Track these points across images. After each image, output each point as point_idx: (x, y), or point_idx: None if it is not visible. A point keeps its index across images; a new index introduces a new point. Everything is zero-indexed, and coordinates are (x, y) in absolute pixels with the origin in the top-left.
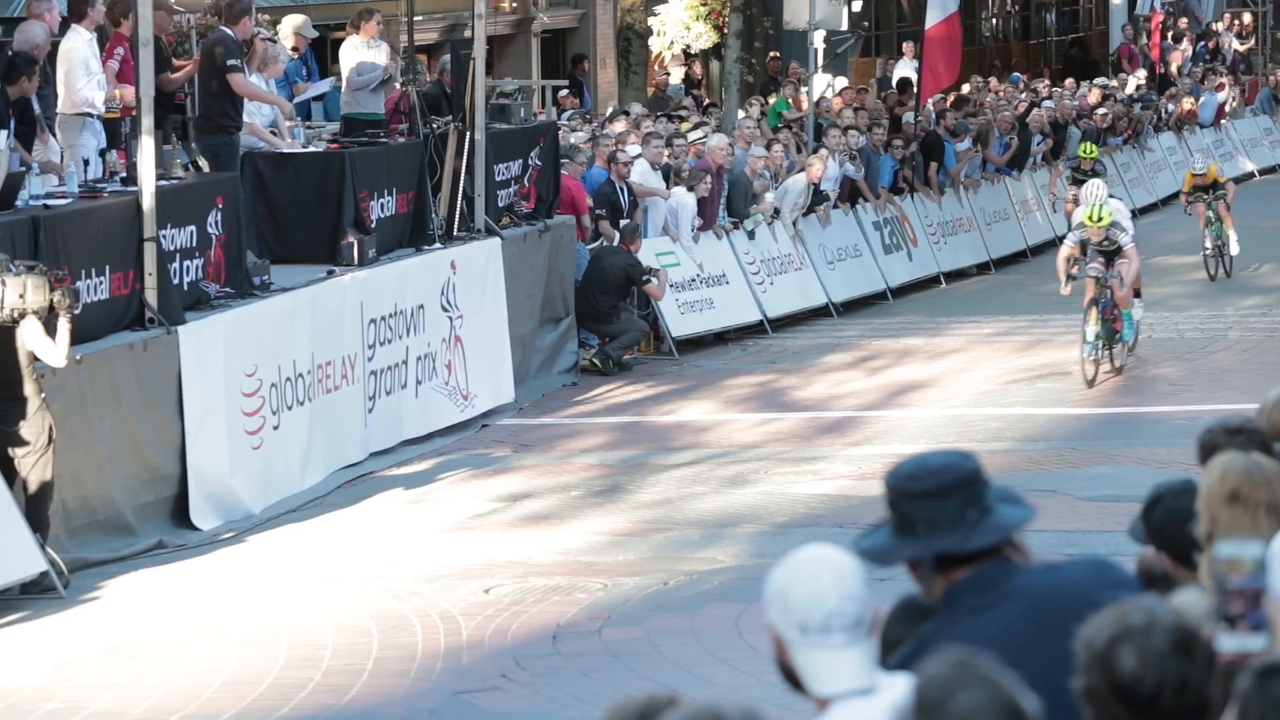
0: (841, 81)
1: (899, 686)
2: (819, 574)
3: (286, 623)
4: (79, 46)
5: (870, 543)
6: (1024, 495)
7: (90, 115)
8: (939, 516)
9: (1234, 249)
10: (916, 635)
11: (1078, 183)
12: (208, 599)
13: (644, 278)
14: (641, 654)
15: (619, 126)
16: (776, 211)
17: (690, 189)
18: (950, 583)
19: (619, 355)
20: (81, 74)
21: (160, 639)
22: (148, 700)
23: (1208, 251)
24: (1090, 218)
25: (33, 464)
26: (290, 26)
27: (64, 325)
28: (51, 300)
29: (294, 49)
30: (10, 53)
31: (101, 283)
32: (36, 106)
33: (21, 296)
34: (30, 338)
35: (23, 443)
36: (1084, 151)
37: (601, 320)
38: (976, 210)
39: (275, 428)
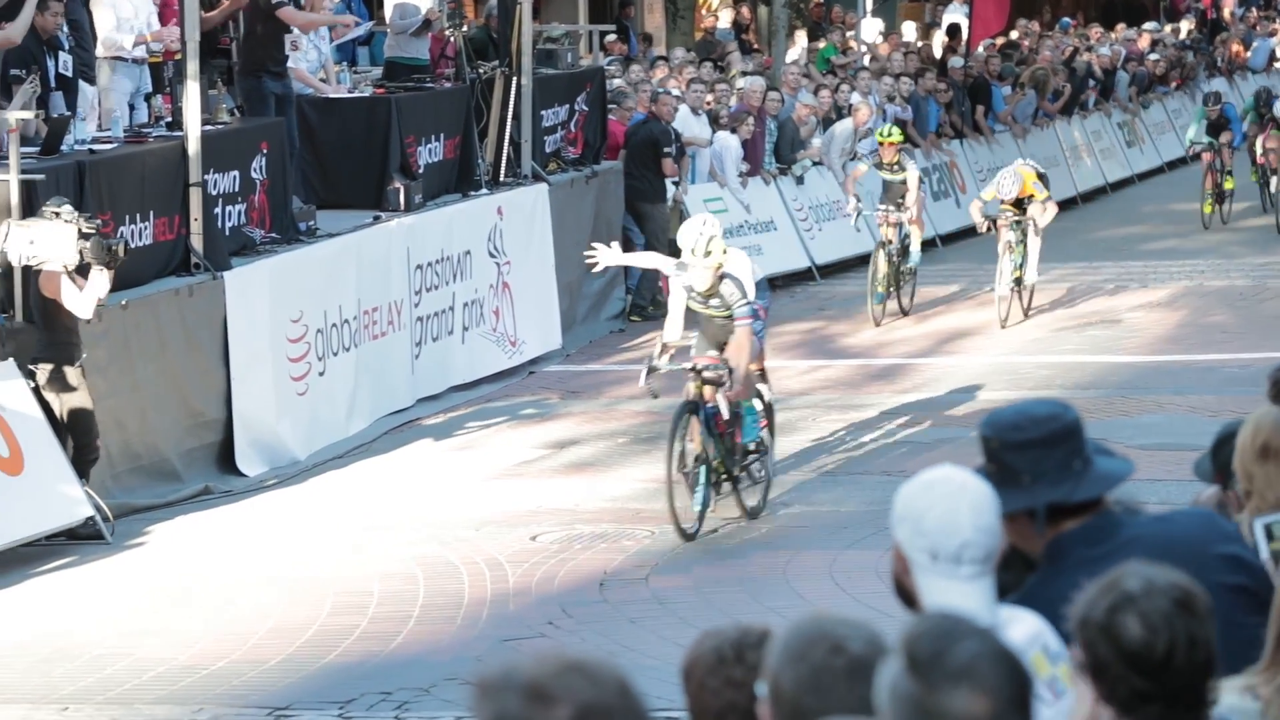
0: (910, 27)
1: (1023, 624)
2: (957, 501)
3: (332, 569)
4: None
5: None
6: (1115, 447)
7: (122, 59)
8: (1044, 467)
9: (1031, 274)
10: (1022, 587)
11: (888, 189)
12: (253, 545)
13: (665, 150)
14: (689, 602)
15: (660, 73)
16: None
17: (733, 131)
18: (1057, 534)
19: (651, 296)
20: (109, 16)
21: (206, 585)
22: (194, 646)
23: (1002, 283)
24: (694, 253)
25: (71, 405)
26: None
27: (94, 276)
28: (81, 251)
29: None
30: None
31: (146, 228)
32: (67, 49)
33: (31, 243)
34: (49, 286)
35: (60, 386)
36: (884, 135)
37: (645, 199)
38: (1026, 156)
39: (321, 374)
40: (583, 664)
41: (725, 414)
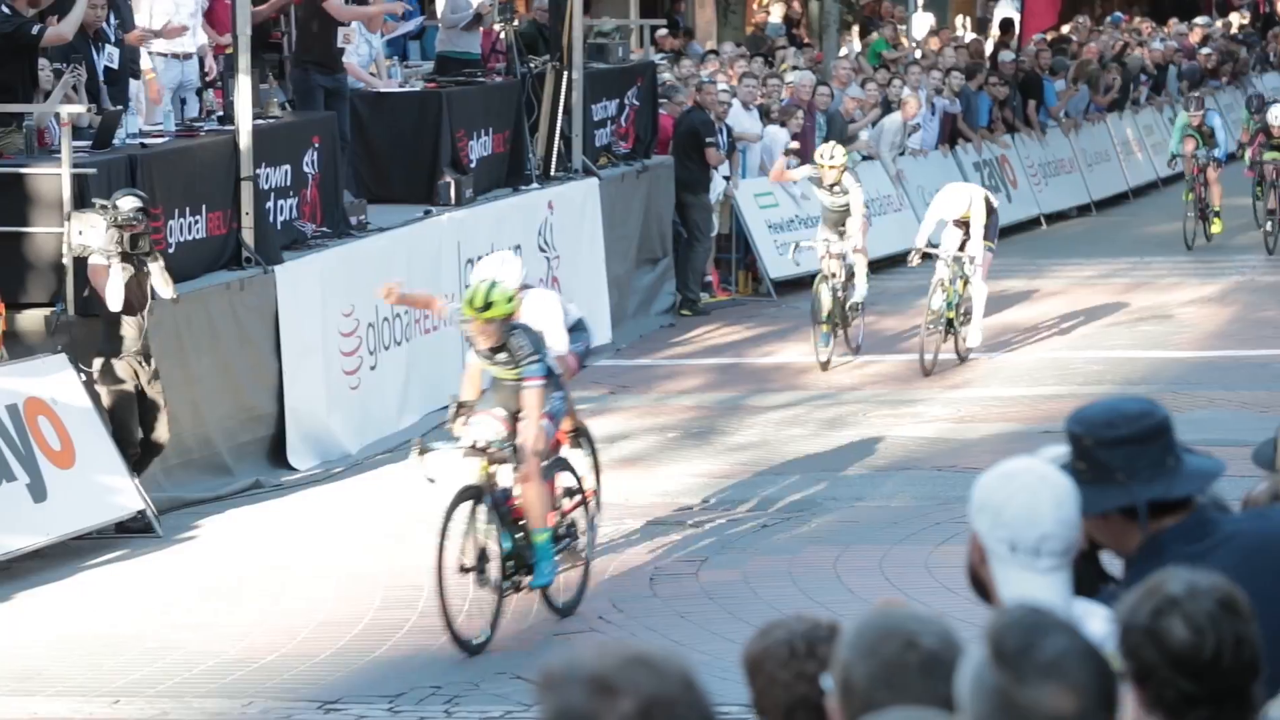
0: (964, 20)
1: (1096, 620)
2: (1038, 493)
3: (382, 563)
4: None
5: None
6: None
7: (171, 55)
8: (1138, 464)
9: (973, 337)
10: (1114, 584)
11: (827, 214)
12: (303, 539)
13: (708, 139)
14: (738, 596)
15: (711, 67)
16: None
17: (782, 125)
18: (1154, 532)
19: (699, 285)
20: (144, 12)
21: (256, 578)
22: (244, 640)
23: (928, 329)
24: (472, 304)
25: (111, 397)
26: None
27: (114, 267)
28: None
29: None
30: None
31: (198, 222)
32: (113, 42)
33: (80, 234)
34: (93, 276)
35: (107, 378)
36: (824, 159)
37: (688, 189)
38: (1078, 151)
39: (372, 368)
40: (647, 656)
41: (518, 493)
